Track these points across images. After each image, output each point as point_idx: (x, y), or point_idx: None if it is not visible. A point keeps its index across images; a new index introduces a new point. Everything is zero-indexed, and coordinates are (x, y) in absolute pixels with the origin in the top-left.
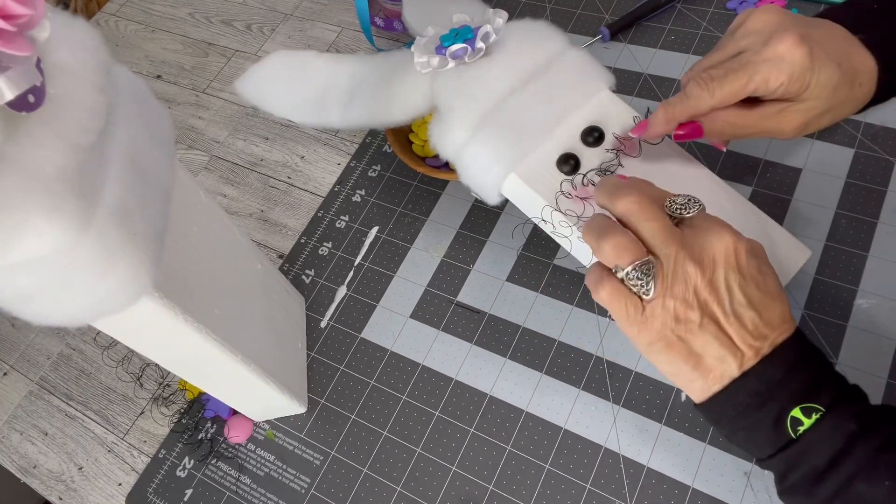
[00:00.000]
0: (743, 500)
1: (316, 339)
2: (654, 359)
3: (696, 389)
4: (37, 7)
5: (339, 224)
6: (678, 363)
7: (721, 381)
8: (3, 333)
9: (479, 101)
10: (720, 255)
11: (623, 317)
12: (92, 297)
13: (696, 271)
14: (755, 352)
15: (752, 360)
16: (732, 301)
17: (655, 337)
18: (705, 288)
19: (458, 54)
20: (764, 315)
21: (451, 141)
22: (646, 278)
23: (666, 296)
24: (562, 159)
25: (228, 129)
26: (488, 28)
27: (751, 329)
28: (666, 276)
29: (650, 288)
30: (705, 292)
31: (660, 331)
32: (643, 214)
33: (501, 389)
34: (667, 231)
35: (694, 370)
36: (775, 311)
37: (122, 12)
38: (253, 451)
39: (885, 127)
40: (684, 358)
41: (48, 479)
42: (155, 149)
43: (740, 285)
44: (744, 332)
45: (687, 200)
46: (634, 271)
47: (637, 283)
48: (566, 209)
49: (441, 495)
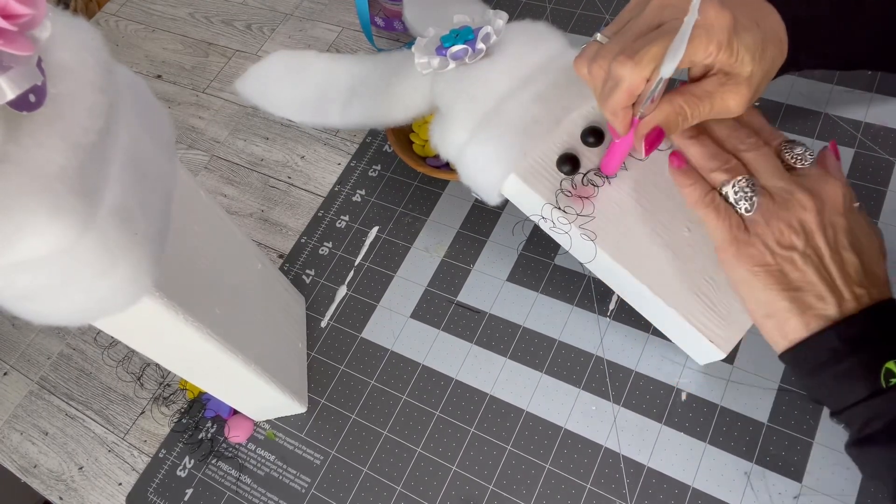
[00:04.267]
0: (743, 499)
1: (316, 338)
2: (749, 289)
3: (789, 329)
4: (38, 7)
5: (340, 224)
6: (775, 295)
7: (818, 321)
8: (4, 333)
9: (479, 102)
10: (832, 197)
11: (724, 231)
12: (93, 296)
13: (808, 201)
14: (855, 298)
15: (853, 306)
16: (838, 242)
17: (753, 261)
18: (814, 220)
19: (459, 55)
20: (865, 264)
21: (452, 141)
22: (749, 195)
23: (772, 218)
24: (562, 159)
25: (229, 129)
26: (489, 29)
27: (852, 274)
28: (773, 201)
29: (752, 206)
30: (814, 224)
31: (760, 254)
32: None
33: (502, 389)
34: (780, 169)
35: (791, 305)
36: (875, 264)
37: (122, 12)
38: (253, 450)
39: (886, 127)
40: (783, 289)
41: (48, 478)
42: (156, 148)
43: (846, 229)
44: (846, 274)
45: (804, 151)
46: (737, 185)
47: (740, 199)
48: (566, 206)
49: (441, 495)
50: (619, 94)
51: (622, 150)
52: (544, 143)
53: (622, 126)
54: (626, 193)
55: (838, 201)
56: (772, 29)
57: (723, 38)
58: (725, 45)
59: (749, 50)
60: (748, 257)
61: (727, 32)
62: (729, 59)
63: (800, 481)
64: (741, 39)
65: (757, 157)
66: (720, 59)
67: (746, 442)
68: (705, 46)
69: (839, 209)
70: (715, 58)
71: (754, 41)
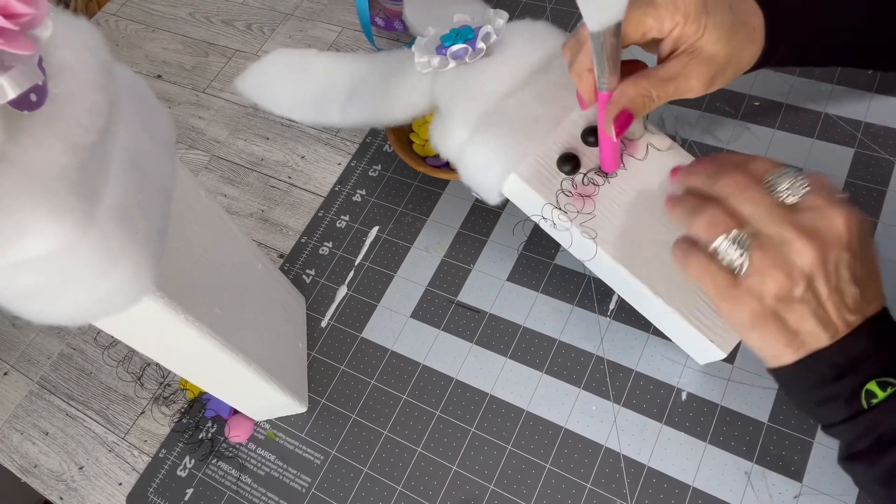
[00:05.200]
0: (743, 499)
1: (316, 338)
2: (745, 333)
3: (782, 362)
4: (39, 6)
5: (340, 224)
6: (771, 340)
7: (808, 351)
8: (4, 333)
9: (478, 102)
10: (837, 235)
11: (713, 289)
12: (93, 296)
13: (807, 247)
14: (847, 326)
15: (844, 333)
16: (839, 279)
17: (750, 315)
18: (816, 265)
19: (459, 54)
20: (865, 291)
21: (452, 141)
22: (740, 251)
23: (767, 272)
24: (562, 159)
25: (229, 129)
26: (489, 28)
27: (850, 305)
28: (768, 253)
29: (744, 262)
30: (815, 270)
31: (756, 308)
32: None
33: (502, 389)
34: (773, 211)
35: (787, 346)
36: (874, 287)
37: (122, 12)
38: (253, 450)
39: (886, 127)
40: (779, 334)
41: (49, 478)
42: (156, 148)
43: (849, 264)
44: (843, 308)
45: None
46: (726, 242)
47: (729, 255)
48: (566, 205)
49: (442, 495)
50: (583, 55)
51: (610, 146)
52: (545, 143)
53: (585, 90)
54: (626, 193)
55: (842, 235)
56: (745, 14)
57: (690, 9)
58: (693, 16)
59: (716, 28)
60: (742, 312)
61: (696, 4)
62: (695, 32)
63: (800, 481)
64: (710, 16)
65: (743, 201)
66: (686, 32)
67: (747, 442)
68: (672, 14)
69: (844, 243)
70: (682, 28)
71: (723, 21)
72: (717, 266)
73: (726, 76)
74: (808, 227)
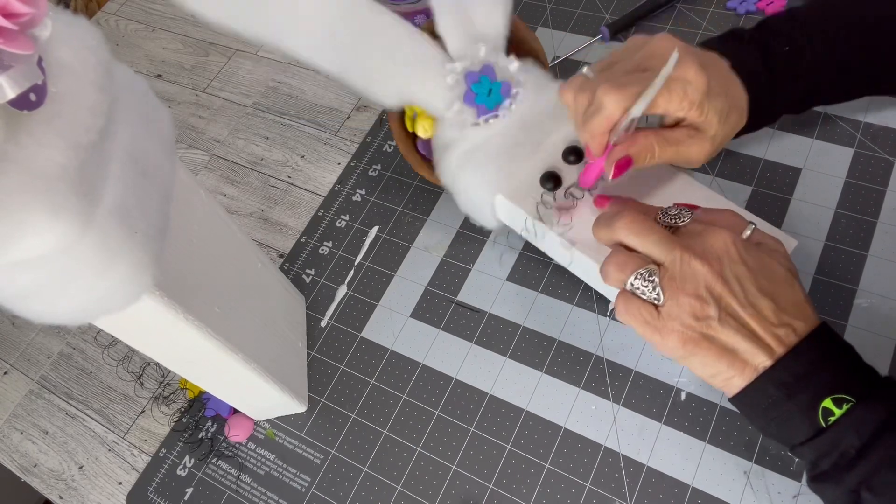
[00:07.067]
0: (743, 499)
1: (316, 338)
2: (689, 363)
3: (733, 386)
4: (39, 6)
5: (340, 223)
6: (712, 362)
7: (756, 373)
8: (4, 332)
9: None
10: (722, 250)
11: (642, 325)
12: (93, 295)
13: (703, 267)
14: (779, 342)
15: (781, 350)
16: (746, 293)
17: (679, 339)
18: (717, 282)
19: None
20: (779, 302)
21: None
22: (651, 284)
23: (679, 295)
24: (545, 177)
25: (229, 129)
26: (518, 89)
27: (770, 318)
28: (674, 278)
29: (658, 292)
30: (718, 286)
31: (681, 332)
32: (640, 230)
33: (501, 389)
34: (666, 239)
35: (730, 367)
36: (788, 296)
37: (122, 11)
38: (253, 449)
39: (885, 127)
40: (717, 355)
41: (49, 477)
42: (156, 147)
43: (749, 276)
44: (764, 322)
45: (679, 211)
46: (638, 279)
47: (644, 289)
48: (545, 216)
49: (441, 494)
50: (599, 119)
51: (597, 169)
52: (528, 164)
53: (598, 148)
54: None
55: (730, 250)
56: (736, 97)
57: (695, 98)
58: (698, 104)
59: (717, 113)
60: (671, 338)
61: (701, 94)
62: (699, 117)
63: (799, 480)
64: (712, 103)
65: (639, 238)
66: (691, 115)
67: (746, 441)
68: (680, 100)
69: (734, 258)
70: (687, 112)
71: (722, 107)
72: (639, 302)
73: (720, 149)
74: (698, 249)
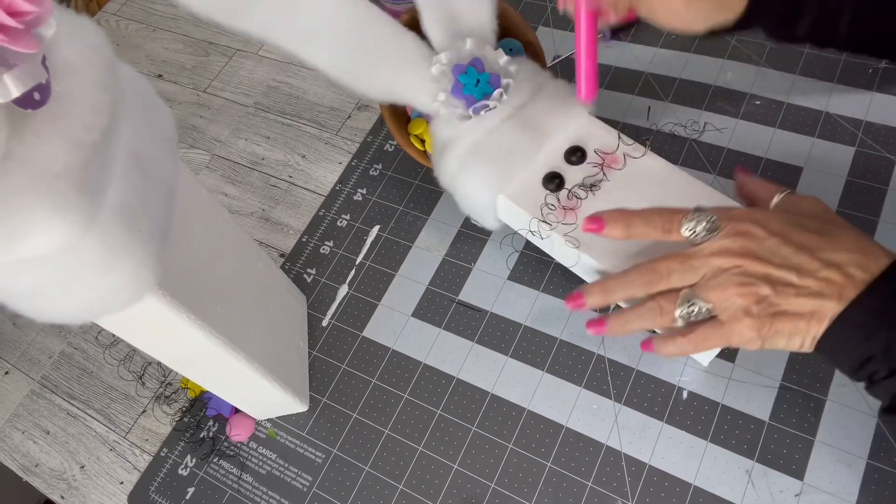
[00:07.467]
0: (744, 497)
1: (318, 337)
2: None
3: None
4: (43, 4)
5: (341, 223)
6: (790, 330)
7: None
8: (5, 332)
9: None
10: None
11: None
12: (95, 294)
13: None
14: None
15: (853, 292)
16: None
17: (752, 328)
18: (753, 264)
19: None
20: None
21: (446, 172)
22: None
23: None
24: (547, 178)
25: (230, 129)
26: (508, 81)
27: (815, 269)
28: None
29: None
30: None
31: (751, 322)
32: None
33: (503, 388)
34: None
35: (809, 324)
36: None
37: (123, 11)
38: (255, 449)
39: (887, 125)
40: (792, 322)
41: (50, 477)
42: (158, 147)
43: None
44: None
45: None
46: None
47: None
48: (549, 217)
49: (443, 493)
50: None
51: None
52: (530, 165)
53: None
54: (608, 203)
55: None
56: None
57: None
58: None
59: None
60: (745, 333)
61: None
62: None
63: (801, 479)
64: None
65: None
66: None
67: (748, 440)
68: None
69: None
70: None
71: None
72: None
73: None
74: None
